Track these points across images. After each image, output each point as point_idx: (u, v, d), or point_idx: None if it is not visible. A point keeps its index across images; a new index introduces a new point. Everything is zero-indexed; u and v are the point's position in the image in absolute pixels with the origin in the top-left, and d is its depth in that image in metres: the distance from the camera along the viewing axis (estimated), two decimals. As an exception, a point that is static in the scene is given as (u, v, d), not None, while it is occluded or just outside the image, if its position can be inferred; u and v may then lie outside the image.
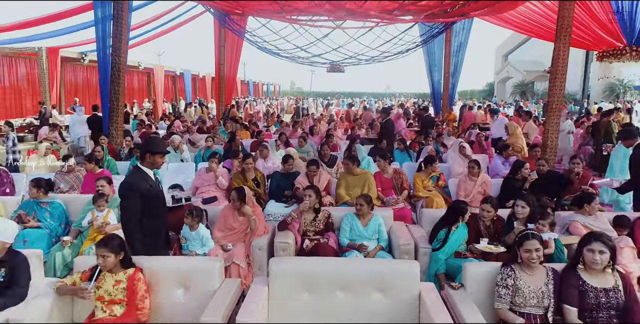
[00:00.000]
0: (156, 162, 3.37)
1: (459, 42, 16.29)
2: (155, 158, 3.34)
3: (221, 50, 16.39)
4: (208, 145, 7.69)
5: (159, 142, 3.53)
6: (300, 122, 13.12)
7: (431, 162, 5.43)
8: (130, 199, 3.22)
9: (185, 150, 7.61)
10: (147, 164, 3.35)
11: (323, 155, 6.41)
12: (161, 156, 3.39)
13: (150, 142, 3.54)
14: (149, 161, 3.34)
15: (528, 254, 2.69)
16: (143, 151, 3.39)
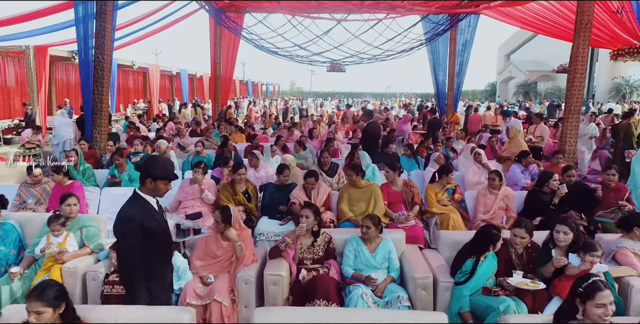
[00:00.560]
0: (159, 189, 2.61)
1: (464, 40, 15.70)
2: (157, 184, 2.59)
3: (217, 49, 15.77)
4: (197, 150, 7.05)
5: (162, 164, 2.67)
6: (299, 124, 12.47)
7: (446, 173, 4.78)
8: (131, 239, 2.50)
9: (173, 156, 6.96)
10: (147, 191, 2.61)
11: (323, 163, 5.76)
12: (166, 182, 2.64)
13: (151, 164, 2.67)
14: (149, 186, 2.59)
15: (602, 310, 2.05)
16: (143, 174, 2.63)
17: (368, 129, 8.06)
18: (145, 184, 2.60)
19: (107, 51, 8.05)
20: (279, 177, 4.86)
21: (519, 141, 7.04)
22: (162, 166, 2.62)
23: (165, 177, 2.61)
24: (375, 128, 8.20)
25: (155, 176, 2.56)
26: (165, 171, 2.62)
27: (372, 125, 8.06)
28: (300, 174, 5.79)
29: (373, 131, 8.04)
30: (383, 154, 7.11)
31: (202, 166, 4.84)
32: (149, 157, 2.89)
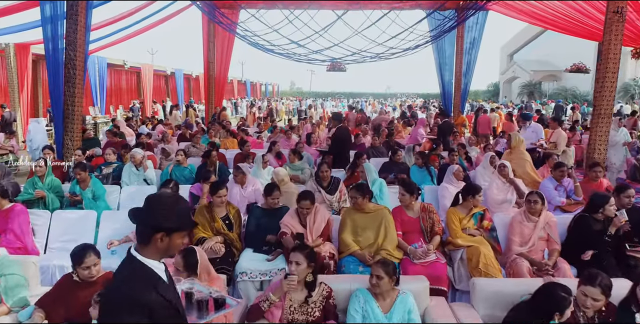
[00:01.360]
0: (173, 246, 1.70)
1: (472, 38, 14.85)
2: (173, 239, 1.67)
3: (210, 47, 14.91)
4: (178, 160, 6.16)
5: (175, 207, 1.68)
6: (297, 128, 11.57)
7: (473, 194, 3.89)
8: None
9: (150, 168, 6.07)
10: (153, 252, 1.66)
11: (322, 178, 4.88)
12: (183, 234, 1.73)
13: (158, 208, 1.66)
14: (159, 246, 1.65)
15: None
16: (147, 227, 1.66)
17: (338, 135, 7.09)
18: (152, 243, 1.63)
19: (79, 48, 7.17)
20: (267, 200, 3.97)
21: (521, 152, 6.04)
22: (177, 210, 1.65)
23: (182, 226, 1.69)
24: (345, 134, 7.26)
25: (169, 228, 1.63)
26: (181, 215, 1.67)
27: (342, 130, 7.12)
28: (294, 191, 4.90)
29: (343, 137, 7.10)
30: (392, 164, 6.23)
31: (171, 184, 3.95)
32: (151, 198, 1.70)
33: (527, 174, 5.79)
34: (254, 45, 12.66)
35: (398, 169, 6.07)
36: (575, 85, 32.29)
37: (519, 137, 6.19)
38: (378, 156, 8.23)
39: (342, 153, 6.86)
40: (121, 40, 15.47)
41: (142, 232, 1.67)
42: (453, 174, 5.09)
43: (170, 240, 1.65)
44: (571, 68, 14.78)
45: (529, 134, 8.03)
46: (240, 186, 5.00)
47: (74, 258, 2.64)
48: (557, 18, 11.73)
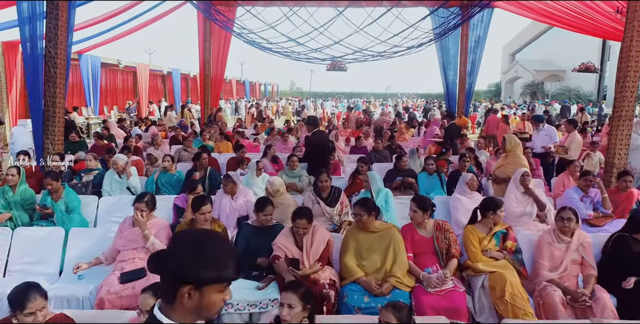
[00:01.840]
0: (210, 305, 1.20)
1: (477, 36, 14.38)
2: (206, 294, 1.18)
3: (206, 46, 14.41)
4: (165, 166, 5.65)
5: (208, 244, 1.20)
6: (295, 130, 11.06)
7: (494, 209, 3.38)
8: None
9: (134, 175, 5.57)
10: (182, 314, 1.20)
11: (321, 188, 4.37)
12: (223, 287, 1.21)
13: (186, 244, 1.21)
14: (187, 303, 1.18)
15: None
16: (169, 277, 1.19)
17: (313, 140, 6.35)
18: (179, 300, 1.17)
19: (61, 45, 6.70)
20: (259, 217, 3.46)
21: (517, 156, 5.40)
22: (209, 251, 1.18)
23: (218, 276, 1.18)
24: (323, 138, 6.51)
25: (199, 279, 1.16)
26: (217, 260, 1.18)
27: (319, 135, 6.42)
28: (290, 203, 4.40)
29: (320, 142, 6.35)
30: (396, 171, 5.71)
31: (146, 199, 3.44)
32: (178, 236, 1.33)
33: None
34: (250, 43, 12.15)
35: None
36: (579, 85, 31.77)
37: (514, 140, 5.51)
38: (381, 160, 7.72)
39: (318, 160, 6.13)
40: (115, 39, 15.01)
41: (164, 285, 1.19)
42: (466, 184, 4.58)
43: (202, 296, 1.16)
44: (579, 68, 14.27)
45: (542, 137, 7.53)
46: (230, 196, 4.49)
47: (13, 302, 2.13)
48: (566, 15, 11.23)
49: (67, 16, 6.76)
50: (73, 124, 10.00)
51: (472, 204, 4.51)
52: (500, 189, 5.21)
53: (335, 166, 6.80)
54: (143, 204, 3.35)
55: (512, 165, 5.26)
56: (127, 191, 5.48)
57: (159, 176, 5.61)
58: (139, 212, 3.30)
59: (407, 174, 5.53)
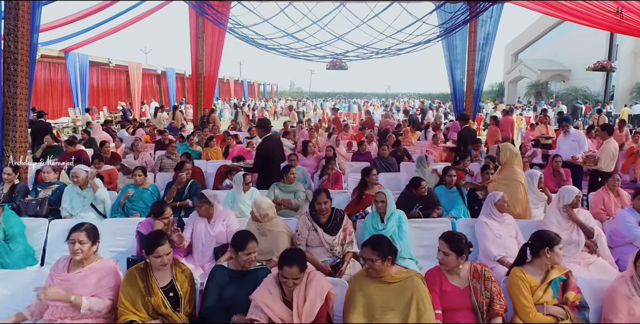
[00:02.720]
0: None
1: (486, 33, 13.59)
2: None
3: (199, 43, 13.60)
4: (136, 182, 4.80)
5: None
6: (293, 133, 10.20)
7: (550, 245, 2.54)
8: None
9: (101, 188, 4.73)
10: None
11: (319, 211, 3.53)
12: None
13: None
14: None
15: None
16: None
17: (264, 147, 5.40)
18: None
19: (22, 39, 5.87)
20: (238, 257, 2.61)
21: (514, 171, 4.45)
22: None
23: None
24: (274, 146, 5.52)
25: None
26: None
27: (270, 142, 5.47)
28: (283, 231, 3.56)
29: (270, 150, 5.40)
30: (413, 198, 4.67)
31: (85, 227, 2.58)
32: None
33: (519, 202, 4.27)
34: (244, 39, 11.32)
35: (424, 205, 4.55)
36: (586, 85, 30.93)
37: (510, 151, 4.52)
38: (387, 168, 6.88)
39: (269, 170, 5.30)
40: (104, 35, 14.18)
41: None
42: (495, 205, 3.74)
43: None
44: (594, 66, 13.46)
45: (570, 143, 6.70)
46: (206, 220, 3.65)
47: None
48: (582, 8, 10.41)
49: (31, 15, 5.97)
50: (48, 127, 9.14)
51: (503, 230, 3.70)
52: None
53: (336, 177, 5.96)
54: (82, 234, 2.50)
55: (507, 180, 4.40)
56: (92, 209, 4.65)
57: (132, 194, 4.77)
58: (76, 246, 2.45)
59: (427, 202, 4.53)
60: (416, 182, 4.46)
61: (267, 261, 3.45)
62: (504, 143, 4.83)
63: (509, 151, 4.54)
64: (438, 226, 3.91)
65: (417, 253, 3.78)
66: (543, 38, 40.87)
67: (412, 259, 3.60)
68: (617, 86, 30.16)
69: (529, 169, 5.69)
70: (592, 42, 30.96)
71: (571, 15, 11.69)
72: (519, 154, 4.62)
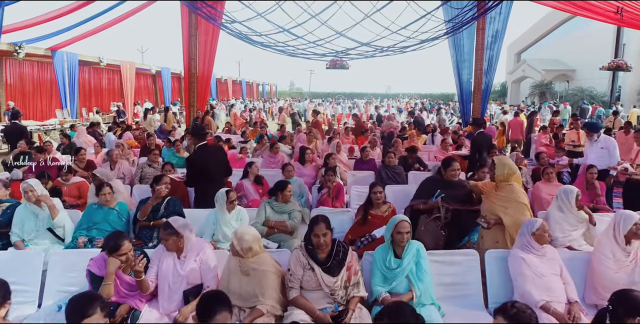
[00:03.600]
0: None
1: (495, 30, 12.89)
2: None
3: (191, 41, 12.82)
4: (102, 201, 4.07)
5: None
6: (290, 137, 9.48)
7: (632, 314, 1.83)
8: None
9: (61, 211, 4.00)
10: None
11: (316, 245, 2.80)
12: None
13: None
14: None
15: None
16: None
17: (197, 157, 4.67)
18: None
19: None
20: None
21: (512, 190, 3.72)
22: None
23: None
24: (212, 155, 4.74)
25: None
26: None
27: (206, 150, 4.73)
28: (270, 270, 2.83)
29: (205, 159, 4.64)
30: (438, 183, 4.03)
31: None
32: None
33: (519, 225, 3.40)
34: (238, 36, 10.59)
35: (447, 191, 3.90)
36: (592, 85, 30.22)
37: (508, 166, 3.75)
38: (394, 179, 6.14)
39: (205, 185, 4.47)
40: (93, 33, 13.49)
41: None
42: (533, 236, 3.02)
43: None
44: (609, 66, 12.75)
45: (598, 151, 5.96)
46: (175, 255, 2.93)
47: None
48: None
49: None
50: (23, 130, 8.42)
51: (545, 267, 2.99)
52: (491, 235, 3.64)
53: (337, 190, 5.22)
54: None
55: (506, 201, 3.65)
56: (49, 234, 3.93)
57: (92, 212, 4.04)
58: None
59: (453, 192, 3.84)
60: (447, 163, 3.76)
61: (251, 309, 2.73)
62: (499, 157, 4.02)
63: (506, 167, 3.77)
64: (463, 260, 3.20)
65: (437, 293, 3.05)
66: (546, 38, 40.27)
67: (433, 305, 2.87)
68: (623, 86, 29.48)
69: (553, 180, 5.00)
70: (596, 41, 30.32)
71: (580, 9, 11.05)
72: (517, 169, 3.85)
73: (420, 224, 3.64)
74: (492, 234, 3.66)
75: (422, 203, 3.92)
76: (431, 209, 3.82)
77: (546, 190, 5.06)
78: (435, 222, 3.72)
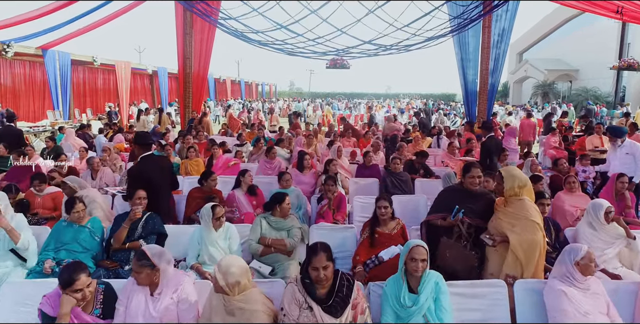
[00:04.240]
0: None
1: (501, 28, 12.46)
2: None
3: (186, 40, 12.36)
4: (73, 219, 3.57)
5: None
6: (288, 140, 8.98)
7: None
8: None
9: (25, 231, 3.50)
10: None
11: (315, 280, 2.31)
12: None
13: None
14: None
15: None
16: None
17: (138, 168, 4.13)
18: None
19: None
20: None
21: (522, 206, 3.09)
22: None
23: None
24: (156, 166, 4.17)
25: None
26: None
27: (150, 161, 4.17)
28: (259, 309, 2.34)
29: (147, 171, 4.07)
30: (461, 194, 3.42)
31: None
32: None
33: (536, 250, 2.92)
34: (234, 34, 10.10)
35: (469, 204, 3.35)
36: (596, 85, 29.74)
37: (519, 179, 3.14)
38: (400, 188, 5.66)
39: (149, 201, 3.80)
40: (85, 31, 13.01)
41: None
42: (577, 266, 2.53)
43: None
44: (620, 65, 12.25)
45: (623, 157, 5.48)
46: (148, 291, 2.44)
47: None
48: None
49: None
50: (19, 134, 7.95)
51: (589, 303, 2.52)
52: (497, 256, 3.08)
53: (338, 201, 4.73)
54: None
55: (516, 219, 3.04)
56: (11, 255, 3.45)
57: (61, 230, 3.55)
58: None
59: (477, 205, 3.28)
60: (467, 168, 3.28)
61: (237, 357, 2.25)
62: (507, 168, 3.37)
63: (516, 179, 3.14)
64: (488, 292, 2.71)
65: None
66: (548, 37, 39.81)
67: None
68: (628, 86, 29.00)
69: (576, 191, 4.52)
70: (599, 41, 29.85)
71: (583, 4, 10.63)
72: (527, 181, 3.21)
73: (443, 248, 3.13)
74: (499, 255, 3.07)
75: (440, 218, 3.35)
76: (450, 227, 3.30)
77: (570, 201, 4.59)
78: (460, 243, 3.20)
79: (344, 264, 3.62)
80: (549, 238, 3.58)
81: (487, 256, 3.19)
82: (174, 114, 18.35)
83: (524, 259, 2.88)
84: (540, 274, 2.92)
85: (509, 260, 2.94)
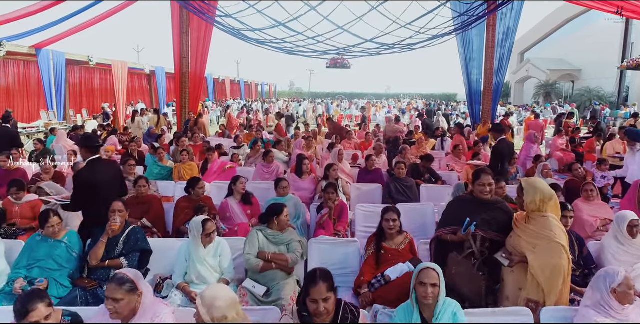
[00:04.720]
0: None
1: (506, 27, 12.16)
2: None
3: (183, 39, 12.05)
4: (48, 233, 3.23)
5: None
6: (287, 142, 8.64)
7: None
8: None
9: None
10: None
11: (314, 313, 1.98)
12: None
13: None
14: None
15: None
16: None
17: (85, 174, 3.63)
18: None
19: None
20: None
21: (546, 223, 2.71)
22: None
23: None
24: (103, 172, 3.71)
25: None
26: None
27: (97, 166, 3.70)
28: None
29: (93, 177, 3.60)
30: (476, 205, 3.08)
31: None
32: None
33: (559, 276, 2.57)
34: (231, 33, 9.78)
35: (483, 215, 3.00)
36: (599, 85, 29.41)
37: (541, 192, 2.76)
38: (405, 193, 5.33)
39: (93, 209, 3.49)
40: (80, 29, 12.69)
41: None
42: (614, 294, 2.20)
43: None
44: (628, 65, 11.96)
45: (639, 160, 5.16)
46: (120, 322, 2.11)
47: None
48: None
49: None
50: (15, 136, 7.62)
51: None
52: (514, 278, 2.74)
53: (339, 210, 4.39)
54: None
55: (532, 239, 2.68)
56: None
57: (35, 245, 3.23)
58: None
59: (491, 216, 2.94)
60: (476, 175, 2.93)
61: None
62: (529, 179, 2.97)
63: (538, 192, 2.75)
64: (511, 321, 2.38)
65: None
66: (550, 37, 39.51)
67: None
68: (632, 86, 28.68)
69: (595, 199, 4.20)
70: (602, 41, 29.54)
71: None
72: (554, 195, 2.80)
73: (450, 265, 2.80)
74: (516, 277, 2.73)
75: (450, 232, 3.01)
76: (462, 242, 2.96)
77: (588, 211, 4.26)
78: (470, 261, 2.87)
79: (346, 282, 3.29)
80: (572, 255, 3.25)
81: (502, 277, 2.85)
82: (171, 115, 18.00)
83: (546, 286, 2.53)
84: (565, 301, 2.59)
85: (530, 283, 2.61)
